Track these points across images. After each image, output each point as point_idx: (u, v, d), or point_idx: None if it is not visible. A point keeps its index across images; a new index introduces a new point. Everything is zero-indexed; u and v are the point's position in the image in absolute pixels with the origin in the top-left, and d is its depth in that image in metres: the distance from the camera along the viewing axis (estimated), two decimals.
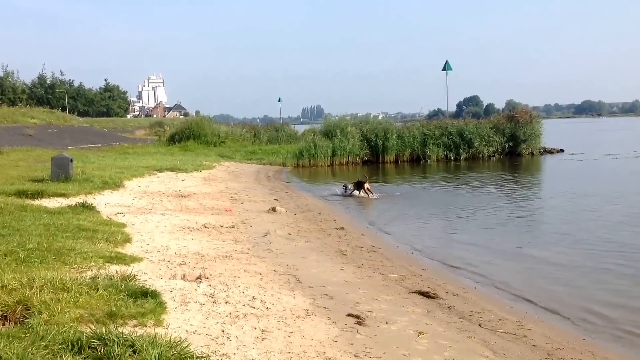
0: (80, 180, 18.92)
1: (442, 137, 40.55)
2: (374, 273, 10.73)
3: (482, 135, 41.06)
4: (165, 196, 18.59)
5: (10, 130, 46.89)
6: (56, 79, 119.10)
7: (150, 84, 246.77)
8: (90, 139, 54.67)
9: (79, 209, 13.94)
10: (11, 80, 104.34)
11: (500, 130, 41.95)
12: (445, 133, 40.71)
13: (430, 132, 40.64)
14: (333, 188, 24.19)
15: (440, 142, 40.34)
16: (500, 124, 42.45)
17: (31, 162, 29.23)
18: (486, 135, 41.17)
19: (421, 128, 41.47)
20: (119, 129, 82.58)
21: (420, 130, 40.85)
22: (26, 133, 48.04)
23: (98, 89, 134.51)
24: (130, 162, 29.29)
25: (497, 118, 45.41)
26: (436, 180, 29.45)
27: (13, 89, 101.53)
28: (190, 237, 12.47)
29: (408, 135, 40.31)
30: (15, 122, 51.58)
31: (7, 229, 10.58)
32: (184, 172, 25.94)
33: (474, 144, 40.59)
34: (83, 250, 9.24)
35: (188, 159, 32.40)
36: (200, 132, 46.97)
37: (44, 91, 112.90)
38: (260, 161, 37.30)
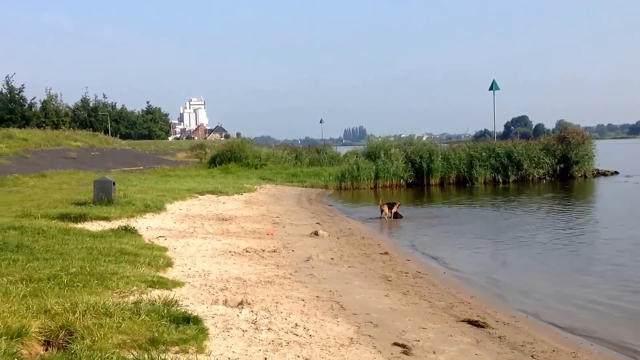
0: (122, 204, 19.08)
1: (490, 158, 39.58)
2: (420, 300, 10.47)
3: (532, 157, 39.99)
4: (206, 219, 18.58)
5: (54, 153, 47.71)
6: (99, 102, 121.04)
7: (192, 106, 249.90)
8: (132, 161, 55.29)
9: (122, 232, 14.01)
10: (55, 103, 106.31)
11: (551, 151, 40.91)
12: (492, 154, 39.76)
13: (477, 153, 39.79)
14: (375, 211, 23.92)
15: (487, 164, 39.39)
16: (551, 145, 41.44)
17: (74, 185, 29.67)
18: (536, 156, 40.10)
19: (467, 149, 40.70)
20: (160, 151, 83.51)
21: (467, 152, 40.12)
22: (69, 156, 48.78)
23: (140, 112, 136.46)
24: (172, 184, 29.50)
25: (548, 139, 44.34)
26: (484, 203, 28.93)
27: (57, 112, 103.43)
28: (231, 261, 12.37)
29: (454, 156, 39.61)
30: (59, 145, 52.41)
31: (50, 252, 10.63)
32: (225, 195, 26.00)
33: (523, 165, 39.55)
34: (125, 275, 9.20)
35: (229, 182, 32.51)
36: (241, 154, 47.12)
37: (86, 114, 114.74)
38: (302, 184, 37.17)
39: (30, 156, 43.28)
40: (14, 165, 37.53)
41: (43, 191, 26.62)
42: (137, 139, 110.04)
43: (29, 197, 23.42)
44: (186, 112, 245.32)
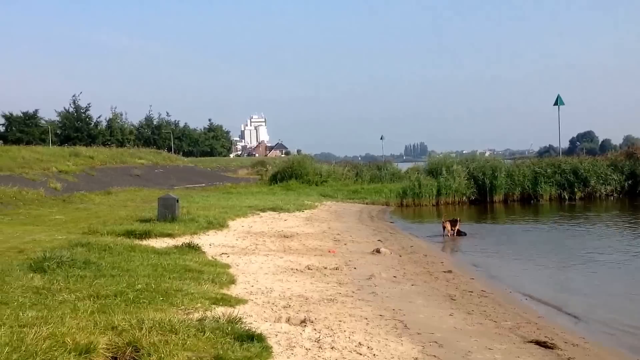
0: (185, 220, 19.34)
1: (555, 175, 38.55)
2: (486, 320, 10.21)
3: (599, 173, 38.73)
4: (268, 236, 18.66)
5: (118, 171, 48.83)
6: (162, 120, 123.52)
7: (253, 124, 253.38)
8: (194, 178, 56.10)
9: (185, 249, 14.17)
10: (120, 121, 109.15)
11: (619, 167, 39.55)
12: (558, 171, 38.73)
13: (541, 170, 38.85)
14: (437, 228, 23.58)
15: (552, 180, 38.35)
16: (619, 161, 40.17)
17: (139, 202, 30.30)
18: (603, 173, 38.82)
19: (532, 166, 39.82)
20: (222, 168, 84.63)
21: (531, 168, 39.23)
22: (134, 173, 49.80)
23: (202, 129, 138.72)
24: (234, 201, 29.80)
25: (615, 155, 43.12)
26: (550, 221, 28.20)
27: (121, 130, 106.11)
28: (294, 278, 12.36)
29: (518, 173, 38.81)
30: (124, 162, 53.60)
31: (116, 269, 10.83)
32: (286, 212, 26.09)
33: (590, 182, 38.32)
34: (190, 292, 9.29)
35: (290, 199, 32.63)
36: (302, 171, 47.23)
37: (150, 132, 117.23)
38: (363, 200, 37.00)
39: (96, 174, 44.41)
40: (80, 183, 38.55)
41: (109, 208, 27.29)
42: (199, 156, 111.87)
43: (95, 214, 24.04)
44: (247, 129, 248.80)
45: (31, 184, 32.15)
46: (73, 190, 34.04)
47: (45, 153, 45.66)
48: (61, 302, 8.23)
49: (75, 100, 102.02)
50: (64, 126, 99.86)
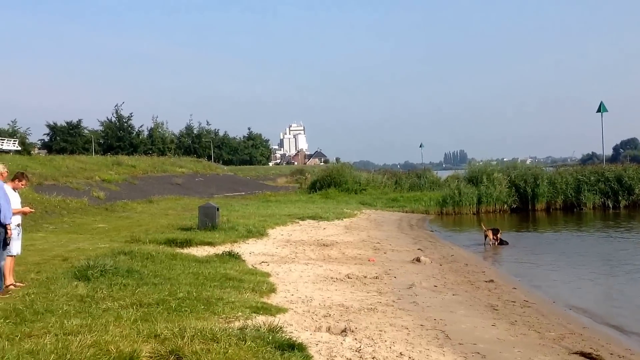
0: (225, 229, 19.48)
1: (599, 183, 37.75)
2: (529, 330, 10.02)
3: None
4: (307, 245, 18.67)
5: (160, 180, 49.46)
6: (202, 129, 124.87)
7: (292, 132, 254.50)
8: (234, 187, 56.51)
9: (226, 257, 14.26)
10: (161, 130, 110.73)
11: None
12: (601, 179, 37.92)
13: (584, 177, 38.10)
14: (478, 237, 23.28)
15: (596, 188, 37.57)
16: None
17: (179, 211, 30.63)
18: None
19: (575, 173, 39.10)
20: (261, 176, 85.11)
21: (574, 176, 38.51)
22: (175, 182, 50.41)
23: (241, 138, 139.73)
24: (273, 210, 29.90)
25: None
26: (593, 230, 27.60)
27: (162, 140, 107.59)
28: (333, 287, 12.32)
29: (560, 181, 38.11)
30: (165, 171, 54.28)
31: (158, 277, 10.94)
32: (325, 220, 26.08)
33: (635, 190, 37.42)
34: (230, 300, 9.32)
35: (329, 207, 32.62)
36: (341, 179, 47.24)
37: (191, 141, 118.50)
38: (402, 209, 36.83)
39: (138, 182, 45.06)
40: (123, 192, 39.16)
41: (150, 217, 27.63)
42: (238, 165, 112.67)
43: (137, 223, 24.37)
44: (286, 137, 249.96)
45: (75, 192, 32.75)
46: (115, 199, 34.59)
47: (88, 162, 46.51)
48: (105, 310, 8.33)
49: (117, 110, 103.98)
50: (107, 135, 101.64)
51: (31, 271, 11.82)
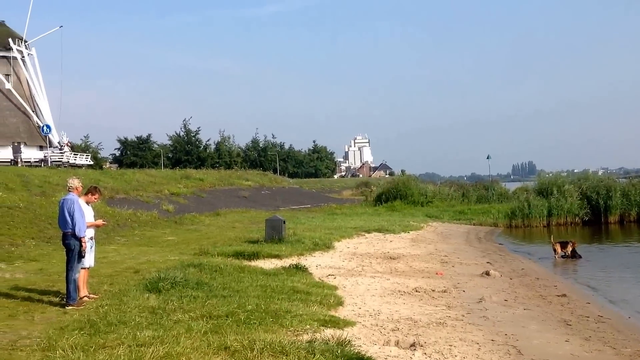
0: (292, 242, 19.54)
1: None
2: (604, 346, 9.67)
3: None
4: (374, 258, 18.55)
5: (227, 193, 50.08)
6: (268, 142, 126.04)
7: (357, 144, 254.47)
8: (299, 199, 56.75)
9: (293, 270, 14.29)
10: (227, 144, 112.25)
11: None
12: None
13: None
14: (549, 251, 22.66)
15: None
16: None
17: (246, 224, 30.89)
18: None
19: None
20: (326, 189, 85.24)
21: None
22: (241, 195, 50.94)
23: (307, 151, 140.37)
24: (339, 222, 29.86)
25: None
26: None
27: (229, 153, 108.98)
28: (401, 301, 12.19)
29: (634, 192, 36.92)
30: (232, 184, 54.93)
31: (227, 290, 11.05)
32: (391, 233, 25.89)
33: None
34: (298, 313, 9.32)
35: (395, 220, 32.39)
36: (407, 191, 46.85)
37: (257, 154, 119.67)
38: (470, 221, 36.25)
39: (205, 196, 45.73)
40: (191, 205, 39.80)
41: (218, 229, 27.98)
42: (304, 178, 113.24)
43: (205, 235, 24.70)
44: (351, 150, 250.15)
45: (145, 206, 33.45)
46: (184, 212, 35.17)
47: (157, 176, 47.50)
48: (176, 322, 8.45)
49: (185, 124, 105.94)
50: (175, 149, 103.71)
51: (104, 283, 12.11)
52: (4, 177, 28.36)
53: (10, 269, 14.63)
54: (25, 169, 37.59)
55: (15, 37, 56.77)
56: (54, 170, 40.12)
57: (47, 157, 52.72)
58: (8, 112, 56.15)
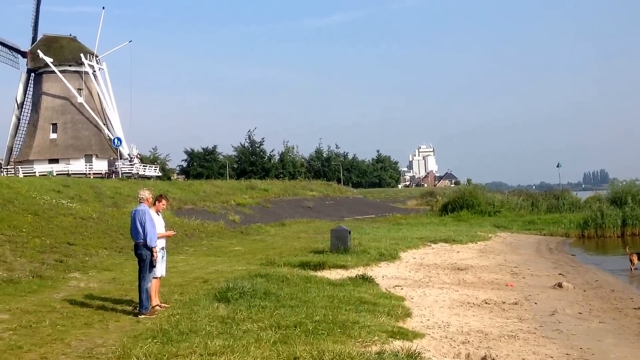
0: (357, 252, 19.49)
1: None
2: None
3: None
4: (441, 269, 18.30)
5: (291, 203, 50.38)
6: (332, 152, 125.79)
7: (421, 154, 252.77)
8: (364, 209, 56.59)
9: (359, 281, 14.23)
10: (291, 154, 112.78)
11: None
12: None
13: None
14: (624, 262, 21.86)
15: None
16: None
17: (311, 234, 30.98)
18: None
19: None
20: (390, 199, 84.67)
21: None
22: (306, 205, 51.17)
23: (370, 161, 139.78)
24: (404, 233, 29.61)
25: None
26: None
27: (293, 163, 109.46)
28: (471, 313, 11.96)
29: None
30: (296, 194, 55.22)
31: (295, 300, 11.06)
32: (458, 243, 25.50)
33: None
34: (366, 324, 9.25)
35: (462, 230, 31.90)
36: (474, 201, 46.06)
37: (320, 164, 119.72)
38: (540, 232, 35.33)
39: (270, 206, 46.14)
40: (256, 215, 40.22)
41: (283, 239, 28.16)
42: (367, 188, 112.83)
43: (271, 245, 24.90)
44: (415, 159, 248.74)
45: (212, 216, 33.99)
46: (250, 222, 35.58)
47: (224, 187, 48.19)
48: (245, 332, 8.50)
49: (250, 135, 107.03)
50: (240, 160, 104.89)
51: (174, 292, 12.32)
52: (78, 189, 29.29)
53: (84, 278, 15.07)
54: (97, 181, 38.73)
55: (86, 52, 58.80)
56: (124, 181, 41.19)
57: (118, 169, 54.22)
58: (80, 126, 58.14)
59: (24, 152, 58.13)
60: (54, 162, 55.96)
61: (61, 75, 56.94)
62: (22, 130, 59.79)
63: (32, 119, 59.08)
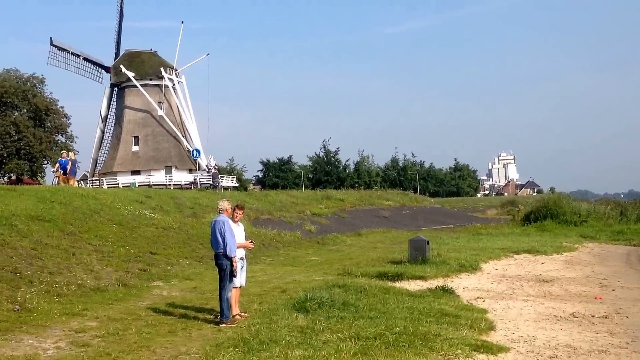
0: (436, 263, 19.12)
1: None
2: None
3: None
4: (525, 280, 17.72)
5: (367, 213, 50.07)
6: (408, 161, 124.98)
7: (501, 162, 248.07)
8: (441, 219, 55.69)
9: (439, 292, 13.93)
10: (366, 164, 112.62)
11: None
12: None
13: None
14: None
15: None
16: None
17: (388, 244, 30.71)
18: None
19: None
20: (469, 208, 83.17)
21: None
22: (382, 215, 50.72)
23: (448, 169, 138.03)
24: (484, 243, 28.92)
25: None
26: None
27: (368, 173, 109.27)
28: (558, 326, 11.49)
29: None
30: (372, 204, 54.82)
31: (374, 311, 10.92)
32: (542, 254, 24.67)
33: None
34: (448, 337, 9.03)
35: (546, 240, 30.88)
36: (558, 210, 44.46)
37: (396, 173, 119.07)
38: (630, 242, 33.68)
39: (346, 216, 45.98)
40: (332, 225, 40.16)
41: (360, 250, 28.01)
42: (445, 197, 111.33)
43: (347, 256, 24.78)
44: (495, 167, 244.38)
45: (288, 226, 34.15)
46: (326, 232, 35.56)
47: (299, 196, 48.42)
48: (325, 343, 8.42)
49: (325, 145, 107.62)
50: (315, 170, 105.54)
51: (254, 302, 12.38)
52: (160, 200, 29.98)
53: (167, 287, 15.37)
54: (177, 192, 39.57)
55: (166, 66, 60.46)
56: (202, 192, 41.95)
57: (197, 180, 55.34)
58: (161, 138, 59.74)
59: (107, 164, 60.19)
60: (135, 173, 57.76)
61: (142, 89, 58.75)
62: (106, 143, 61.98)
63: (115, 132, 61.18)
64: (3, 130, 51.04)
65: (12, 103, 51.85)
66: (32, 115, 52.64)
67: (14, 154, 51.65)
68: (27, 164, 52.28)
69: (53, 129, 54.85)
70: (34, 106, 52.21)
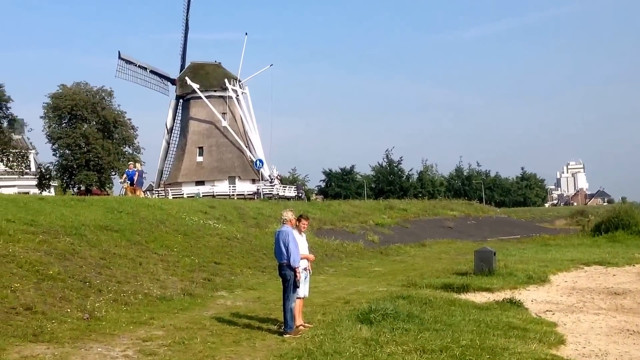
0: (503, 274, 18.74)
1: None
2: None
3: None
4: (596, 293, 17.17)
5: (431, 223, 49.50)
6: (472, 170, 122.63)
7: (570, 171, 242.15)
8: (508, 229, 54.58)
9: (506, 305, 13.65)
10: (430, 173, 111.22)
11: None
12: None
13: None
14: None
15: None
16: None
17: (453, 255, 30.27)
18: None
19: None
20: (537, 218, 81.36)
21: None
22: (446, 225, 50.07)
23: (514, 178, 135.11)
24: (553, 254, 28.19)
25: None
26: None
27: (432, 182, 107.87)
28: (631, 341, 11.09)
29: None
30: (436, 214, 54.15)
31: (439, 323, 10.76)
32: (614, 266, 23.86)
33: None
34: (517, 350, 8.84)
35: (617, 251, 29.87)
36: (630, 220, 42.93)
37: (460, 183, 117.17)
38: None
39: (410, 226, 45.59)
40: (395, 235, 39.85)
41: (424, 260, 27.70)
42: (511, 207, 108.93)
43: (411, 266, 24.54)
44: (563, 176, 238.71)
45: (351, 236, 34.05)
46: (389, 243, 35.32)
47: (362, 207, 48.28)
48: (389, 355, 8.34)
49: (388, 155, 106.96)
50: (378, 180, 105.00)
51: (317, 312, 12.36)
52: (224, 210, 30.36)
53: (231, 297, 15.52)
54: (241, 202, 39.98)
55: (230, 78, 61.31)
56: (265, 202, 42.30)
57: (259, 190, 55.84)
58: (224, 148, 60.56)
59: (173, 175, 61.34)
60: (200, 184, 58.69)
61: (207, 100, 59.67)
62: (172, 154, 63.18)
63: (180, 143, 62.32)
64: (73, 142, 52.55)
65: (82, 115, 53.26)
66: (100, 127, 53.97)
67: (83, 165, 53.07)
68: (96, 175, 53.60)
69: (121, 141, 56.10)
70: (102, 118, 53.57)
